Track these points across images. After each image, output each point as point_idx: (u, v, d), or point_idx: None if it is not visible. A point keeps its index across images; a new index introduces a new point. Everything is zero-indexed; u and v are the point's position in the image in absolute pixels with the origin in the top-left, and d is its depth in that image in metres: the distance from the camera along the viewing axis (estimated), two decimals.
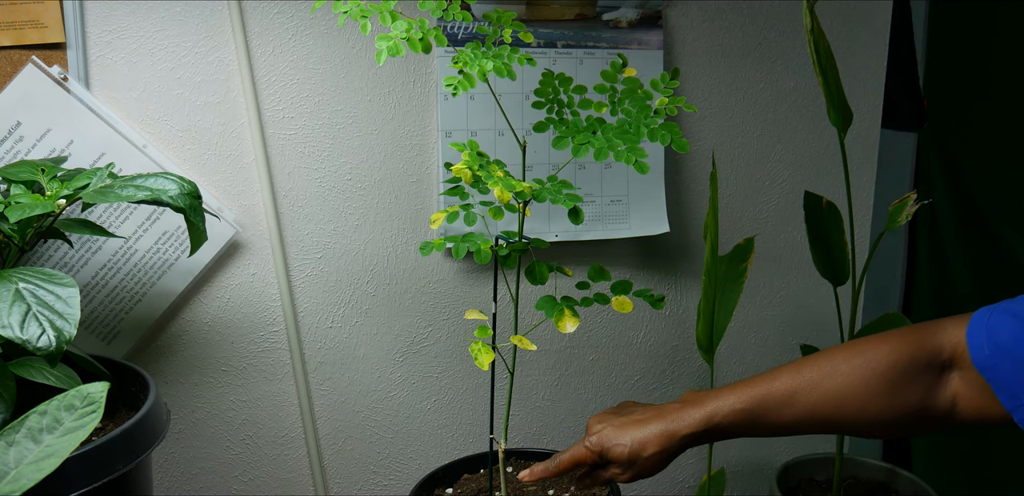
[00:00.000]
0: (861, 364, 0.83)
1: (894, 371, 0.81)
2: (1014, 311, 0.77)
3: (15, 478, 0.71)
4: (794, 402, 0.84)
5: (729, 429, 0.86)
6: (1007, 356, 0.76)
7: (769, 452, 1.58)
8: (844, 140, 1.22)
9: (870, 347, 0.84)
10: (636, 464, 0.89)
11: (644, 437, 0.87)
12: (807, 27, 1.13)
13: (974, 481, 1.97)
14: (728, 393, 0.87)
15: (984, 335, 0.78)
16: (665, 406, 0.90)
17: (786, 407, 0.84)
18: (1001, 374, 0.76)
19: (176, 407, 1.21)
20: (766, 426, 0.86)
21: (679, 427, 0.87)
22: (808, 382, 0.84)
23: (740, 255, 1.28)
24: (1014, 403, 0.76)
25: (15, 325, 0.76)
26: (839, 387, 0.83)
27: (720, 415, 0.86)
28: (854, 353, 0.84)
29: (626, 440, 0.88)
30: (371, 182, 1.23)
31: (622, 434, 0.89)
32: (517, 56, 0.94)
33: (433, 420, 1.36)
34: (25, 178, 0.90)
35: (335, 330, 1.27)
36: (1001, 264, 1.90)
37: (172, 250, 1.14)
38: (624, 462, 0.89)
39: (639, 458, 0.88)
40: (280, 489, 1.30)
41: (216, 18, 1.12)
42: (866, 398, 0.82)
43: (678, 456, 0.89)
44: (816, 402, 0.83)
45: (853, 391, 0.82)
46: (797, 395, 0.84)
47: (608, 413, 0.94)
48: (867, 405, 0.82)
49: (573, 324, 0.96)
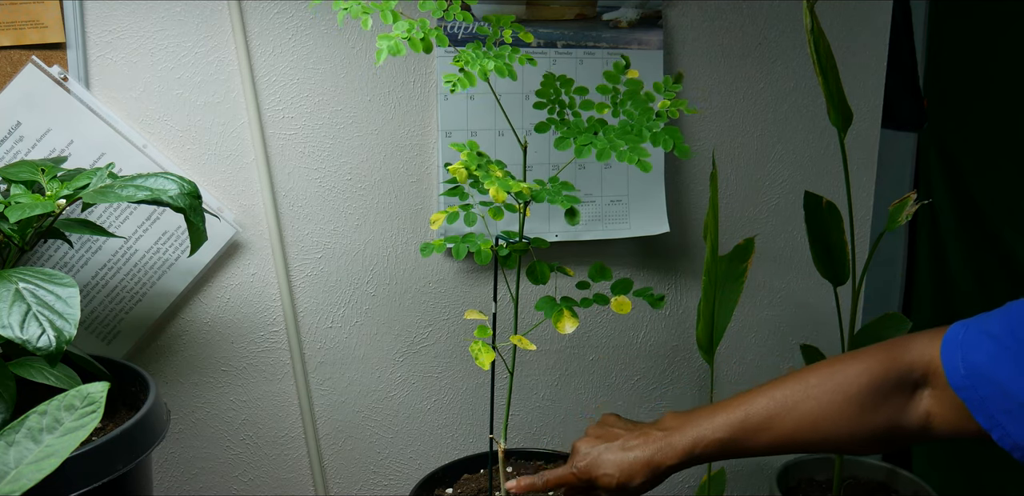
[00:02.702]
0: (832, 387, 0.83)
1: (866, 392, 0.82)
2: (989, 331, 0.76)
3: (15, 478, 0.71)
4: (770, 427, 0.85)
5: (711, 457, 0.88)
6: (983, 378, 0.75)
7: None
8: (844, 140, 1.22)
9: (842, 368, 0.84)
10: (624, 491, 0.90)
11: (631, 468, 0.89)
12: (807, 27, 1.13)
13: (974, 481, 1.97)
14: (707, 421, 0.88)
15: (959, 355, 0.77)
16: (649, 432, 0.91)
17: (763, 432, 0.85)
18: (977, 396, 0.76)
19: (176, 407, 1.21)
20: (746, 451, 0.87)
21: (664, 458, 0.88)
22: (783, 406, 0.85)
23: (740, 255, 1.28)
24: (991, 423, 0.75)
25: (15, 325, 0.76)
26: (812, 410, 0.84)
27: (702, 445, 0.87)
28: (826, 375, 0.85)
29: (613, 470, 0.89)
30: (371, 182, 1.23)
31: (609, 463, 0.90)
32: (518, 56, 0.94)
33: (433, 420, 1.36)
34: (25, 178, 0.90)
35: (335, 330, 1.27)
36: (1001, 264, 1.90)
37: (172, 250, 1.14)
38: (612, 490, 0.91)
39: (627, 487, 0.90)
40: (280, 489, 1.30)
41: (216, 18, 1.12)
42: (839, 420, 0.83)
43: (664, 480, 0.91)
44: (791, 427, 0.84)
45: (825, 414, 0.83)
46: (773, 420, 0.85)
47: (592, 437, 0.95)
48: (840, 427, 0.83)
49: (572, 325, 0.96)
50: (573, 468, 0.93)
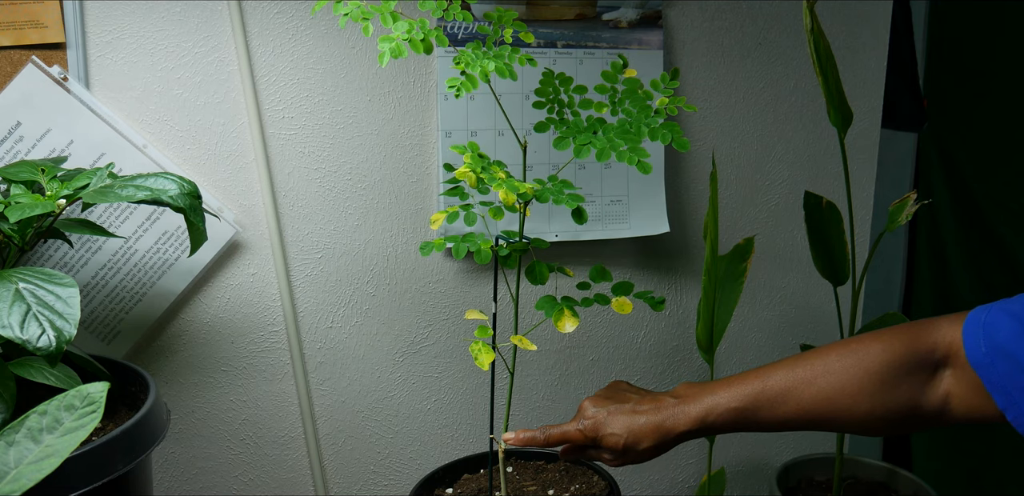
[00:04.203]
0: (854, 362, 0.83)
1: (886, 370, 0.82)
2: (1011, 311, 0.77)
3: (15, 478, 0.71)
4: (787, 400, 0.84)
5: (723, 426, 0.87)
6: (1003, 355, 0.76)
7: (769, 452, 1.58)
8: (844, 140, 1.22)
9: (863, 345, 0.84)
10: (628, 454, 0.89)
11: (639, 430, 0.88)
12: (807, 27, 1.13)
13: (974, 481, 1.97)
14: (723, 390, 0.87)
15: (981, 333, 0.78)
16: (661, 399, 0.90)
17: (779, 405, 0.85)
18: (996, 373, 0.76)
19: (176, 407, 1.21)
20: (759, 423, 0.86)
21: (675, 424, 0.87)
22: (801, 380, 0.84)
23: (740, 255, 1.28)
24: (1007, 402, 0.76)
25: (15, 325, 0.76)
26: (831, 385, 0.83)
27: (715, 413, 0.86)
28: (847, 351, 0.84)
29: (621, 431, 0.88)
30: (371, 182, 1.24)
31: (617, 423, 0.89)
32: (518, 56, 0.94)
33: (433, 420, 1.36)
34: (25, 178, 0.90)
35: (335, 330, 1.27)
36: (1001, 264, 1.90)
37: (172, 250, 1.14)
38: (616, 450, 0.89)
39: (633, 449, 0.88)
40: (280, 489, 1.30)
41: (216, 18, 1.12)
42: (858, 396, 0.82)
43: (671, 449, 0.90)
44: (809, 401, 0.84)
45: (844, 390, 0.83)
46: (790, 393, 0.84)
47: (602, 397, 0.93)
48: (858, 403, 0.82)
49: (572, 324, 0.96)
50: (580, 425, 0.91)
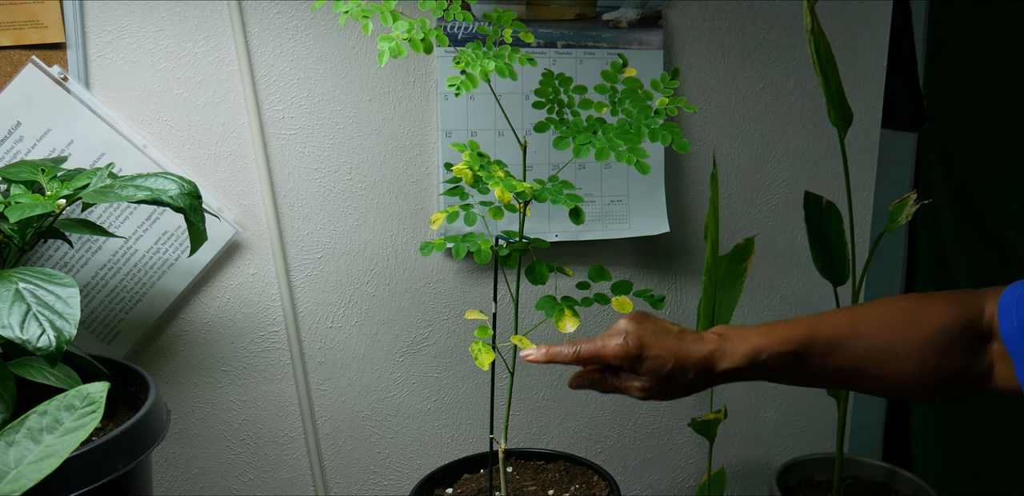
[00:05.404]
0: (910, 321, 0.81)
1: (941, 334, 0.80)
2: None
3: (15, 478, 0.71)
4: (840, 348, 0.81)
5: (770, 370, 0.82)
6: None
7: (769, 452, 1.58)
8: (844, 140, 1.22)
9: (920, 306, 0.83)
10: (666, 382, 0.81)
11: (686, 357, 0.80)
12: (807, 27, 1.13)
13: (974, 481, 1.97)
14: (771, 332, 0.82)
15: (1014, 308, 0.78)
16: (702, 334, 0.83)
17: (832, 353, 0.81)
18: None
19: (176, 407, 1.21)
20: (806, 372, 0.82)
21: (720, 358, 0.81)
22: (854, 331, 0.82)
23: (740, 255, 1.28)
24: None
25: (15, 325, 0.76)
26: (885, 339, 0.81)
27: (766, 353, 0.80)
28: (904, 309, 0.83)
29: (668, 355, 0.80)
30: (371, 182, 1.23)
31: (663, 345, 0.80)
32: (518, 56, 0.94)
33: (433, 420, 1.36)
34: (25, 178, 0.90)
35: (335, 330, 1.27)
36: (1001, 264, 1.90)
37: (172, 250, 1.14)
38: (658, 376, 0.80)
39: (673, 377, 0.80)
40: (280, 489, 1.30)
41: (216, 18, 1.12)
42: (912, 353, 0.80)
43: (704, 389, 0.84)
44: (861, 353, 0.81)
45: (898, 345, 0.80)
46: (844, 342, 0.81)
47: (641, 318, 0.83)
48: (911, 360, 0.80)
49: (573, 324, 0.96)
50: (622, 340, 0.81)
